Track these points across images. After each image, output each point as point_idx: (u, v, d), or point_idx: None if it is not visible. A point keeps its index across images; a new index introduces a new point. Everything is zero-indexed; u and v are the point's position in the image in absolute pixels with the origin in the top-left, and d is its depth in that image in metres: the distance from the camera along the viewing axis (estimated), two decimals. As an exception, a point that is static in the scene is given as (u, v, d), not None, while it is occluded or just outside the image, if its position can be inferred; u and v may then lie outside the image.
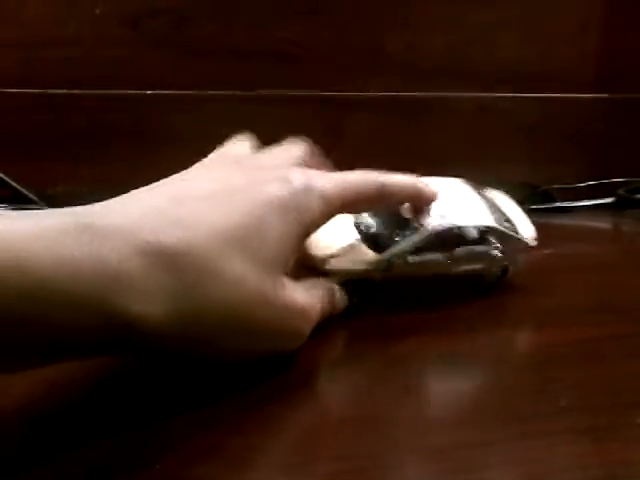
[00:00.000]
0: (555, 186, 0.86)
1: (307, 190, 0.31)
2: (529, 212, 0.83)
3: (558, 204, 0.86)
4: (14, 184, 0.69)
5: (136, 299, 0.24)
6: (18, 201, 0.69)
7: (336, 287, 0.37)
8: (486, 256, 0.41)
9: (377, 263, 0.38)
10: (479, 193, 0.44)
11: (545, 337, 0.36)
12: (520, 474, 0.22)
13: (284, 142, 0.38)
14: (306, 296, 0.32)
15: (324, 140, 0.79)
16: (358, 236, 0.40)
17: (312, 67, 0.78)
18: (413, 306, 0.40)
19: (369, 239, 0.39)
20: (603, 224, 0.81)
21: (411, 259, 0.39)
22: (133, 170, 0.72)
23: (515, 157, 0.85)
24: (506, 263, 0.42)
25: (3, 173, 0.69)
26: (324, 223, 0.33)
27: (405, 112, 0.81)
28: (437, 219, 0.39)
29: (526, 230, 0.44)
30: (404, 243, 0.38)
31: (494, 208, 0.43)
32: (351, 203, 0.34)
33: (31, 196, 0.69)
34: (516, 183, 0.86)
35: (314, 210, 0.31)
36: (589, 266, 0.54)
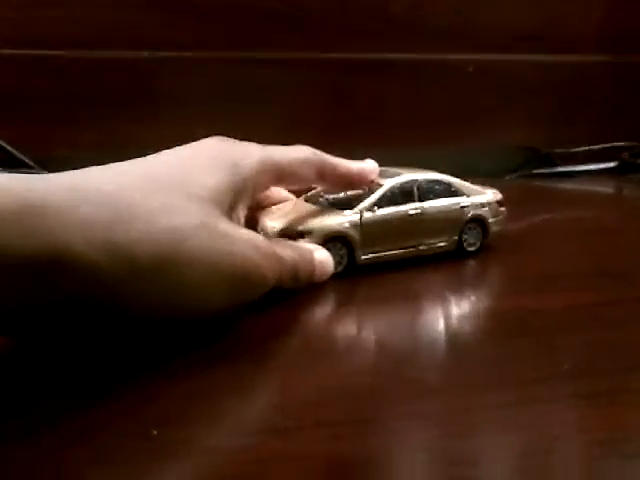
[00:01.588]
0: (557, 150, 0.86)
1: (244, 149, 0.34)
2: (530, 176, 0.84)
3: (560, 168, 0.85)
4: (9, 148, 0.68)
5: (64, 229, 0.24)
6: (14, 165, 0.68)
7: (317, 247, 0.38)
8: (456, 206, 0.43)
9: (348, 218, 0.39)
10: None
11: (545, 302, 0.36)
12: (520, 439, 0.22)
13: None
14: (262, 239, 0.33)
15: (324, 103, 0.78)
16: (324, 206, 0.42)
17: (312, 28, 0.76)
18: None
19: (335, 204, 0.41)
20: (605, 189, 0.81)
21: (380, 212, 0.40)
22: (132, 133, 0.71)
23: (516, 120, 0.85)
24: (477, 213, 0.43)
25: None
26: (259, 182, 0.35)
27: (406, 74, 0.80)
28: (396, 177, 0.42)
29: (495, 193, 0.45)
30: (370, 198, 0.40)
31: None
32: (288, 174, 0.37)
33: (27, 160, 0.69)
34: (517, 147, 0.86)
35: (249, 165, 0.33)
36: (590, 231, 0.54)
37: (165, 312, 0.28)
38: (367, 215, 0.40)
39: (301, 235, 0.39)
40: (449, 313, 0.36)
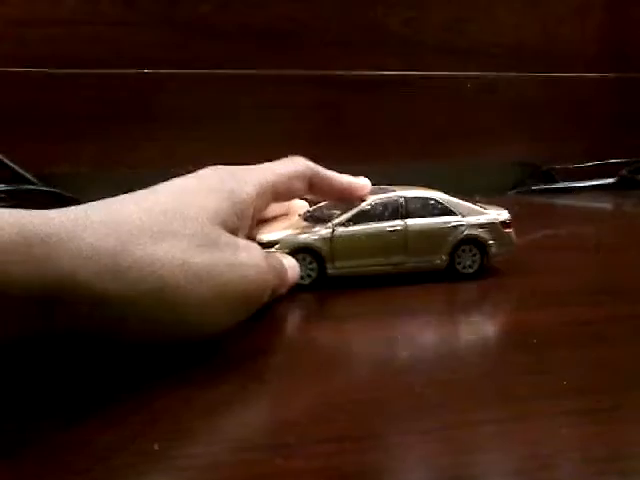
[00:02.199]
0: (557, 166, 0.86)
1: (241, 177, 0.34)
2: (530, 192, 0.84)
3: (560, 184, 0.85)
4: (11, 164, 0.69)
5: (69, 259, 0.24)
6: (16, 181, 0.68)
7: (286, 256, 0.38)
8: (445, 225, 0.42)
9: (319, 232, 0.40)
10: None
11: (545, 317, 0.36)
12: (521, 455, 0.22)
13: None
14: (262, 250, 0.33)
15: (324, 118, 0.78)
16: (303, 220, 0.42)
17: (310, 46, 0.77)
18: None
19: (314, 219, 0.42)
20: (605, 204, 0.81)
21: (354, 227, 0.40)
22: (132, 150, 0.71)
23: (516, 137, 0.85)
24: (473, 234, 0.42)
25: (2, 153, 0.68)
26: (258, 206, 0.35)
27: (405, 91, 0.81)
28: (384, 194, 0.42)
29: (503, 214, 0.44)
30: (347, 214, 0.41)
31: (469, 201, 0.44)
32: (282, 191, 0.38)
33: (29, 177, 0.69)
34: (517, 163, 0.86)
35: (248, 192, 0.34)
36: (590, 247, 0.54)
37: (172, 334, 0.28)
38: (339, 230, 0.40)
39: (270, 246, 0.39)
40: (446, 329, 0.36)
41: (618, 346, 0.32)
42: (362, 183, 0.42)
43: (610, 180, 0.85)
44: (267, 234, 0.40)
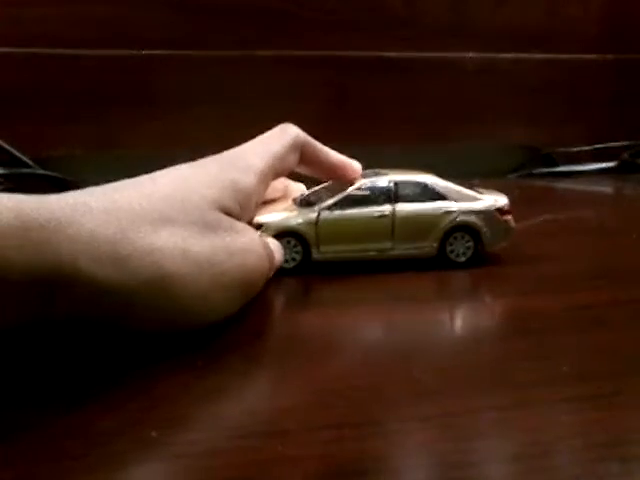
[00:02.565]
0: (557, 149, 0.85)
1: (242, 165, 0.34)
2: (531, 176, 0.84)
3: (560, 168, 0.85)
4: (8, 148, 0.68)
5: (69, 245, 0.24)
6: (14, 165, 0.68)
7: (270, 238, 0.38)
8: (437, 211, 0.41)
9: (304, 216, 0.40)
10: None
11: (544, 303, 0.36)
12: (521, 441, 0.22)
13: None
14: (256, 234, 0.33)
15: (325, 100, 0.78)
16: (295, 204, 0.42)
17: (310, 26, 0.76)
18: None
19: (303, 203, 0.41)
20: (606, 188, 0.80)
21: (340, 211, 0.40)
22: (130, 132, 0.71)
23: (517, 119, 0.85)
24: (466, 220, 0.41)
25: (-2, 136, 0.68)
26: (259, 192, 0.35)
27: (406, 72, 0.80)
28: (369, 178, 0.41)
29: (501, 199, 0.43)
30: (333, 198, 0.40)
31: (465, 186, 0.43)
32: (280, 172, 0.38)
33: (26, 160, 0.69)
34: (518, 146, 0.86)
35: (250, 180, 0.33)
36: (590, 231, 0.54)
37: (173, 322, 0.28)
38: (325, 214, 0.40)
39: (256, 229, 0.38)
40: (441, 315, 0.36)
41: (618, 331, 0.32)
42: (354, 165, 0.41)
43: (611, 164, 0.85)
44: (255, 217, 0.40)
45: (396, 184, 0.41)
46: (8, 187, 0.66)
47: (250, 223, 0.38)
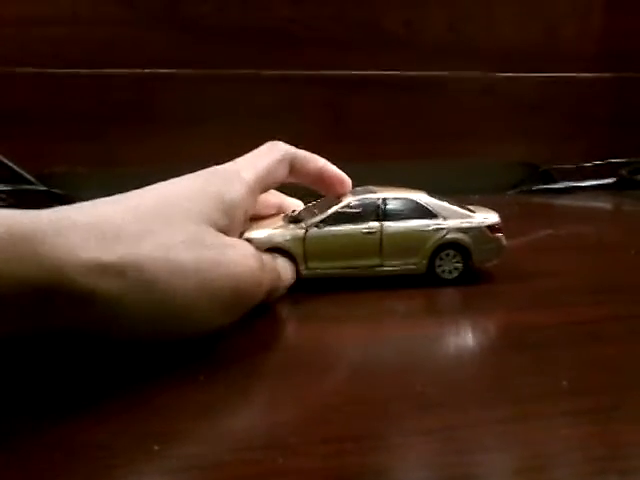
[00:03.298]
0: (556, 166, 0.86)
1: (230, 178, 0.34)
2: (529, 192, 0.84)
3: (559, 185, 0.85)
4: (9, 164, 0.68)
5: (55, 256, 0.24)
6: (15, 181, 0.68)
7: (279, 256, 0.38)
8: (425, 228, 0.41)
9: (291, 232, 0.40)
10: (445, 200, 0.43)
11: (542, 318, 0.36)
12: (521, 455, 0.22)
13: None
14: (254, 247, 0.33)
15: (324, 119, 0.78)
16: (285, 221, 0.41)
17: (310, 46, 0.77)
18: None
19: (292, 220, 0.41)
20: (604, 204, 0.81)
21: (328, 228, 0.40)
22: (131, 149, 0.71)
23: (515, 137, 0.85)
24: (454, 238, 0.41)
25: (0, 153, 0.68)
26: (248, 206, 0.35)
27: (404, 91, 0.81)
28: (358, 195, 0.41)
29: (492, 217, 0.42)
30: (322, 214, 0.40)
31: (456, 204, 0.43)
32: (269, 184, 0.38)
33: (28, 176, 0.69)
34: (516, 163, 0.86)
35: (238, 193, 0.34)
36: (589, 247, 0.54)
37: (162, 332, 0.28)
38: (313, 230, 0.40)
39: None
40: (437, 330, 0.36)
41: (617, 346, 0.32)
42: (344, 179, 0.42)
43: (609, 180, 0.85)
44: (245, 233, 0.40)
45: (384, 201, 0.41)
46: (10, 203, 0.66)
47: (241, 236, 0.38)
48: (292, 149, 0.40)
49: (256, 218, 0.42)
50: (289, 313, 0.38)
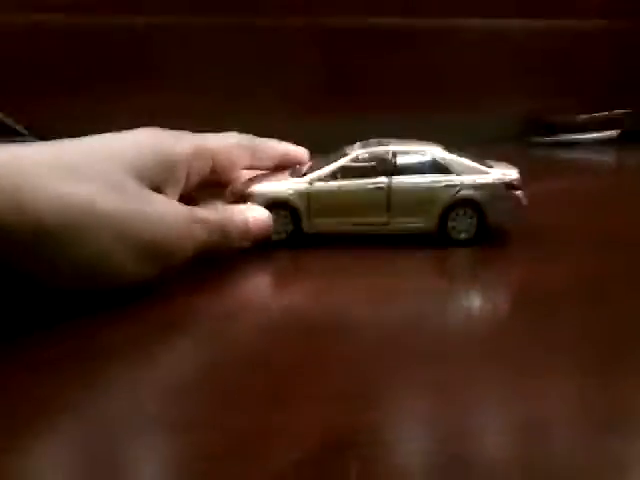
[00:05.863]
0: (558, 118, 0.85)
1: (176, 136, 0.35)
2: (531, 145, 0.83)
3: (561, 137, 0.84)
4: (2, 117, 0.67)
5: None
6: (7, 134, 0.67)
7: (254, 206, 0.38)
8: (437, 184, 0.39)
9: (295, 186, 0.39)
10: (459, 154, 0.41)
11: (547, 274, 0.36)
12: (521, 413, 0.22)
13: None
14: (179, 203, 0.33)
15: (322, 69, 0.77)
16: (291, 175, 0.40)
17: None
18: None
19: (298, 174, 0.40)
20: (607, 157, 0.80)
21: (333, 182, 0.39)
22: (127, 103, 0.70)
23: (517, 88, 0.84)
24: (468, 195, 0.39)
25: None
26: (193, 167, 0.35)
27: (406, 41, 0.79)
28: (366, 148, 0.40)
29: (511, 173, 0.40)
30: (326, 168, 0.39)
31: (473, 159, 0.40)
32: (224, 158, 0.38)
33: (19, 129, 0.68)
34: (518, 115, 0.85)
35: (181, 150, 0.34)
36: (591, 201, 0.54)
37: (80, 278, 0.29)
38: (317, 185, 0.39)
39: (245, 198, 0.38)
40: (445, 287, 0.35)
41: (622, 302, 0.32)
42: (300, 151, 0.42)
43: (613, 132, 0.84)
44: (245, 187, 0.39)
45: (394, 154, 0.39)
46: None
47: (189, 195, 0.36)
48: (248, 136, 0.40)
49: (261, 171, 0.42)
50: (289, 269, 0.38)
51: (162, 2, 0.71)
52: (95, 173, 0.29)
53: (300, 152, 0.42)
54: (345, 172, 0.39)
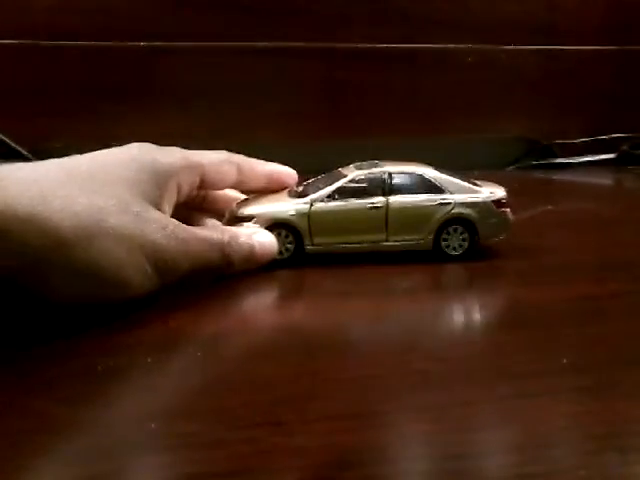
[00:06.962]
0: (556, 141, 0.85)
1: (165, 150, 0.36)
2: (530, 168, 0.83)
3: (559, 160, 0.85)
4: (5, 139, 0.68)
5: (2, 197, 0.26)
6: (10, 156, 0.68)
7: (259, 229, 0.38)
8: (430, 203, 0.40)
9: (296, 207, 0.40)
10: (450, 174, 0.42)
11: (545, 294, 0.36)
12: (520, 432, 0.22)
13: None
14: (178, 223, 0.33)
15: (322, 92, 0.77)
16: (289, 195, 0.41)
17: (311, 18, 0.76)
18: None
19: (297, 195, 0.41)
20: (605, 180, 0.80)
21: (333, 203, 0.40)
22: (130, 124, 0.71)
23: (515, 111, 0.84)
24: (461, 212, 0.40)
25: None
26: (183, 180, 0.36)
27: (404, 64, 0.80)
28: (364, 170, 0.41)
29: (498, 192, 0.42)
30: (327, 189, 0.40)
31: (462, 178, 0.42)
32: (212, 172, 0.38)
33: (23, 151, 0.68)
34: (517, 138, 0.86)
35: (171, 163, 0.35)
36: (590, 223, 0.54)
37: (87, 293, 0.29)
38: (318, 205, 0.40)
39: (247, 220, 0.39)
40: (439, 307, 0.35)
41: (618, 323, 0.32)
42: (287, 172, 0.43)
43: (611, 155, 0.84)
44: (246, 208, 0.40)
45: (390, 175, 0.40)
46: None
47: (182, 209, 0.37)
48: (238, 156, 0.40)
49: (251, 192, 0.42)
50: (291, 288, 0.38)
51: (164, 26, 0.72)
52: (104, 191, 0.30)
53: (287, 172, 0.43)
54: (344, 193, 0.40)
